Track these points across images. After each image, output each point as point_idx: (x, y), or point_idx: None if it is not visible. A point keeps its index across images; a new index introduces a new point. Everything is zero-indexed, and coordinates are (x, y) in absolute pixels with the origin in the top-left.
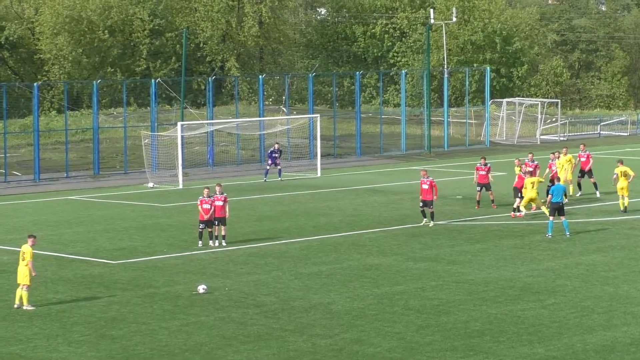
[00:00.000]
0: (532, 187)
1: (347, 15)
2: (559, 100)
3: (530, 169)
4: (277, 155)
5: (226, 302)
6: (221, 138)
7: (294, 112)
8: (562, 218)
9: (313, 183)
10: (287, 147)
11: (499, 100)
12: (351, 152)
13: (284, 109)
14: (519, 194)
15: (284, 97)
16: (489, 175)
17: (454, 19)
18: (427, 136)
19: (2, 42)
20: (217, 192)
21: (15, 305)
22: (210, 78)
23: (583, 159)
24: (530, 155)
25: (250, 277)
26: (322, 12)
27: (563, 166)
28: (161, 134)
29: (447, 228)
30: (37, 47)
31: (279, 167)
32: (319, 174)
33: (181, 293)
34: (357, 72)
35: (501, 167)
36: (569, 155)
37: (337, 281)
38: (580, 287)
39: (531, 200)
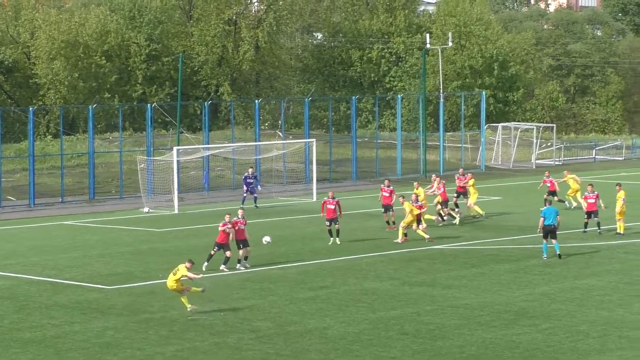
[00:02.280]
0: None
1: (343, 39)
2: (554, 125)
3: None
4: (251, 181)
5: (222, 327)
6: (217, 163)
7: (290, 137)
8: (553, 241)
9: (309, 208)
10: (283, 171)
11: (494, 124)
12: (347, 177)
13: (280, 134)
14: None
15: (279, 122)
16: (393, 196)
17: (450, 44)
18: (423, 160)
19: None
20: (240, 217)
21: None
22: (206, 103)
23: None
24: (461, 169)
25: (246, 302)
26: (319, 37)
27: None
28: (157, 158)
29: (443, 252)
30: (32, 72)
31: (255, 195)
32: (314, 199)
33: (177, 318)
34: (353, 97)
35: (498, 191)
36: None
37: (333, 306)
38: (576, 311)
39: (410, 222)
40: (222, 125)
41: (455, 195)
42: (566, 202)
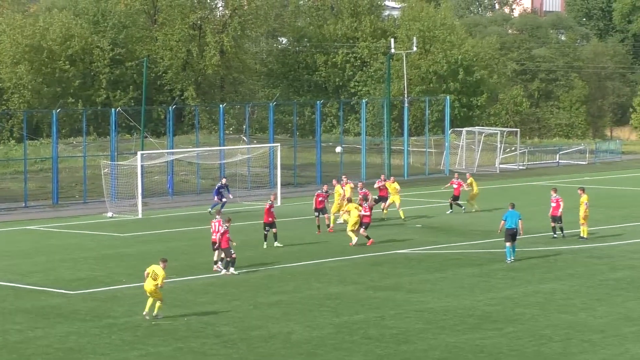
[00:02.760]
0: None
1: (308, 44)
2: (518, 129)
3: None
4: (222, 190)
5: (185, 332)
6: (181, 167)
7: (255, 141)
8: (513, 243)
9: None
10: (248, 176)
11: (458, 129)
12: (311, 181)
13: (245, 138)
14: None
15: (244, 126)
16: (326, 200)
17: (415, 49)
18: (387, 165)
19: None
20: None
21: (145, 313)
22: (170, 107)
23: (553, 204)
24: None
25: (209, 307)
26: (284, 42)
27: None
28: (121, 163)
29: (407, 257)
30: None
31: (224, 200)
32: (279, 203)
33: (140, 323)
34: (318, 101)
35: (462, 195)
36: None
37: (297, 310)
38: (539, 315)
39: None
40: (187, 129)
41: (375, 198)
42: (463, 207)
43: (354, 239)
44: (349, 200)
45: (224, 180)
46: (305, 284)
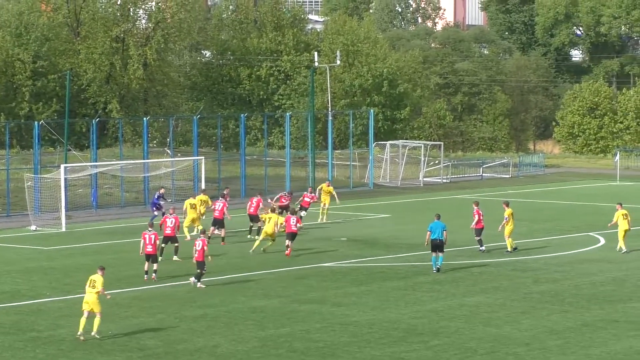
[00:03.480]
0: (268, 221)
1: (231, 57)
2: (441, 143)
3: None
4: (161, 202)
5: (110, 346)
6: (105, 180)
7: (179, 154)
8: (440, 254)
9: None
10: (172, 189)
11: (382, 142)
12: (236, 195)
13: (169, 151)
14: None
15: (168, 139)
16: (225, 212)
17: (338, 62)
18: (312, 178)
19: None
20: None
21: (79, 334)
22: (94, 120)
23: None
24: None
25: (134, 320)
26: (207, 55)
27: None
28: (44, 176)
29: (332, 270)
30: None
31: (162, 210)
32: (203, 217)
33: (65, 337)
34: (242, 115)
35: (386, 209)
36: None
37: (222, 324)
38: (464, 328)
39: (267, 234)
40: (110, 143)
41: (298, 208)
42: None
43: (254, 246)
44: (273, 210)
45: (162, 190)
46: (231, 297)
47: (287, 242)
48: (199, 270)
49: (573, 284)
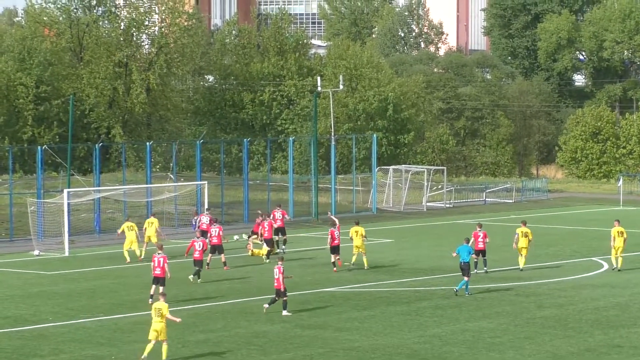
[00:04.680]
0: None
1: (234, 82)
2: (444, 168)
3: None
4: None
5: None
6: (108, 205)
7: (182, 179)
8: (466, 278)
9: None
10: (175, 214)
11: (385, 167)
12: (239, 219)
13: (172, 176)
14: None
15: (171, 164)
16: (222, 238)
17: (342, 87)
18: (315, 203)
19: None
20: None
21: (143, 357)
22: (97, 145)
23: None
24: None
25: (136, 345)
26: (210, 79)
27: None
28: (47, 201)
29: (334, 295)
30: None
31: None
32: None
33: None
34: (245, 139)
35: (389, 234)
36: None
37: (224, 349)
38: (467, 353)
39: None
40: (113, 167)
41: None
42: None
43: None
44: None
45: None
46: (233, 322)
47: (334, 256)
48: (283, 298)
49: (576, 309)
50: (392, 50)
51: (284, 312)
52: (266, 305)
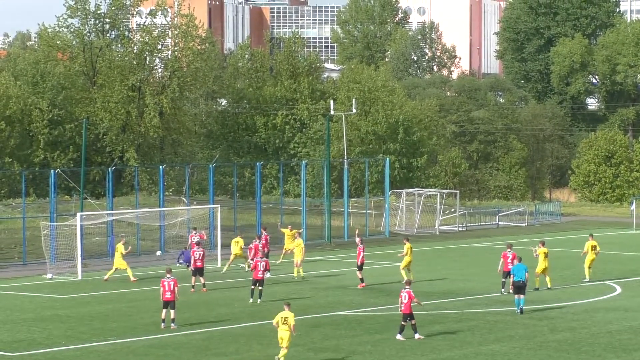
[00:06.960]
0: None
1: (247, 105)
2: (457, 191)
3: None
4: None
5: None
6: (121, 228)
7: (195, 203)
8: (521, 297)
9: (213, 274)
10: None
11: (398, 190)
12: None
13: (185, 200)
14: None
15: (184, 188)
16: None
17: (354, 110)
18: (328, 227)
19: None
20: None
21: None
22: (110, 168)
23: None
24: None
25: None
26: (223, 103)
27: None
28: (60, 224)
29: (347, 318)
30: None
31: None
32: (219, 265)
33: None
34: (258, 163)
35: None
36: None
37: None
38: None
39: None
40: (126, 191)
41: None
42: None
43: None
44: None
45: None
46: (246, 345)
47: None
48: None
49: (589, 332)
50: (405, 74)
51: (417, 336)
52: (399, 337)
